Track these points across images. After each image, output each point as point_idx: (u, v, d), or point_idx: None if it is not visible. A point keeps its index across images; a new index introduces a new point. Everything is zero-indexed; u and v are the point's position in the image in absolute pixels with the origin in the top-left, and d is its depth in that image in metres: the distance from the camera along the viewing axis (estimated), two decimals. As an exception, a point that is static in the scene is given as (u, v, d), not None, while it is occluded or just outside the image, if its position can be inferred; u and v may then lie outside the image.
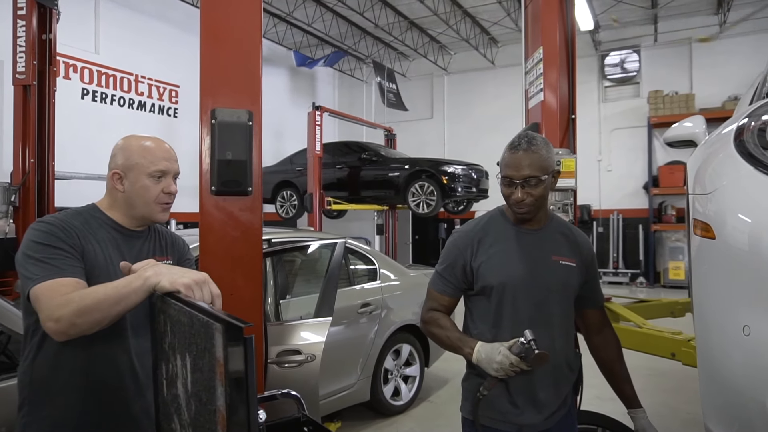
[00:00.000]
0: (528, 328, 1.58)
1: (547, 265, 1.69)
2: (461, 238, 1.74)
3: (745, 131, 1.18)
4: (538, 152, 1.62)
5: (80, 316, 1.27)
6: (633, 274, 11.97)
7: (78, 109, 9.10)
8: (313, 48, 13.85)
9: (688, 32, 11.90)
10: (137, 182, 1.52)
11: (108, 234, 1.52)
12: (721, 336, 1.04)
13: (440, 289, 1.77)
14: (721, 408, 1.09)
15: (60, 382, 1.43)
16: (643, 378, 5.00)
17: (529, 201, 1.63)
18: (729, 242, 1.04)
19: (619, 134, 12.38)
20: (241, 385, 0.86)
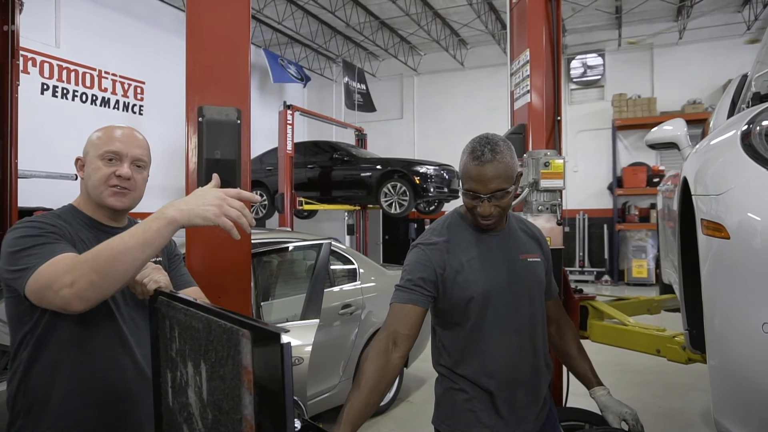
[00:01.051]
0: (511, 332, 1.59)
1: (518, 265, 1.65)
2: (430, 250, 1.58)
3: (752, 135, 1.22)
4: (503, 161, 1.49)
5: (98, 272, 1.15)
6: (598, 273, 12.29)
7: (37, 105, 8.73)
8: (282, 46, 13.69)
9: (650, 37, 12.30)
10: (90, 164, 1.45)
11: (90, 234, 1.45)
12: (739, 333, 1.07)
13: (411, 299, 1.53)
14: (738, 403, 1.12)
15: (60, 393, 1.35)
16: (614, 374, 5.13)
17: (496, 212, 1.54)
18: (745, 242, 1.07)
19: (585, 136, 12.69)
20: (276, 393, 0.82)
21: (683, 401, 4.65)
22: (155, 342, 1.33)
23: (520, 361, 1.63)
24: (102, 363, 1.38)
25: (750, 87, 1.89)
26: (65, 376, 1.35)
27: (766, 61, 1.90)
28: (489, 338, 1.60)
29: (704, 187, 1.29)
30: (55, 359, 1.34)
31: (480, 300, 1.57)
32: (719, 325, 1.15)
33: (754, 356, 1.05)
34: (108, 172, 1.43)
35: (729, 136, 1.33)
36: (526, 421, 1.65)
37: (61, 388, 1.35)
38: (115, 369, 1.41)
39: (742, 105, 2.01)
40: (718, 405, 1.18)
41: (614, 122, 12.07)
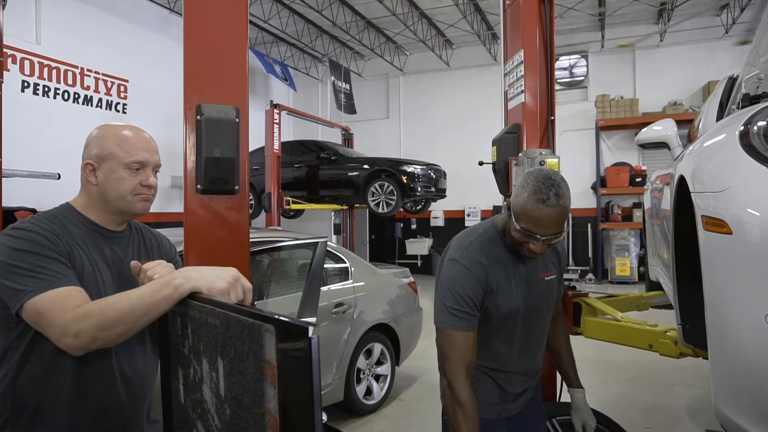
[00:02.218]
0: (526, 339, 1.76)
1: (538, 284, 1.77)
2: (476, 270, 1.63)
3: (750, 134, 1.27)
4: (565, 206, 1.53)
5: (103, 330, 1.18)
6: (582, 271, 12.45)
7: (18, 103, 8.56)
8: (268, 45, 13.62)
9: (632, 39, 12.51)
10: (112, 173, 1.41)
11: (89, 238, 1.42)
12: (741, 325, 1.12)
13: (467, 326, 1.61)
14: (740, 393, 1.16)
15: (50, 400, 1.33)
16: (603, 371, 5.23)
17: (546, 250, 1.63)
18: (747, 236, 1.11)
19: (569, 136, 12.83)
20: (301, 386, 0.84)
21: (669, 396, 4.75)
22: (164, 340, 1.33)
23: (529, 360, 1.85)
24: (91, 373, 1.36)
25: (740, 88, 1.95)
26: (54, 385, 1.33)
27: (755, 64, 1.96)
28: (512, 351, 1.76)
29: (702, 184, 1.34)
30: (43, 367, 1.31)
31: (506, 315, 1.71)
32: (721, 318, 1.19)
33: (756, 347, 1.09)
34: (135, 182, 1.42)
35: (726, 135, 1.38)
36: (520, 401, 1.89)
37: (51, 397, 1.33)
38: (105, 379, 1.39)
39: (732, 106, 2.07)
40: (719, 396, 1.23)
41: (597, 123, 12.24)
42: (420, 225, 14.50)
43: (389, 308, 4.71)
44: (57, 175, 8.01)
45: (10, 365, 1.32)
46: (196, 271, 1.23)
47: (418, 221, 14.46)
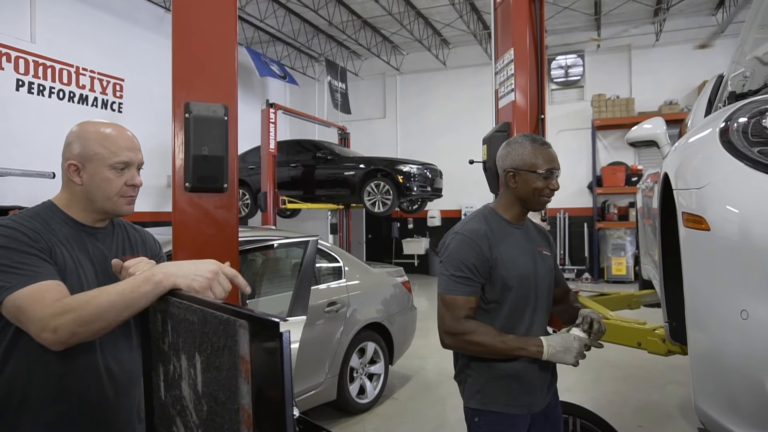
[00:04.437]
0: (542, 317, 1.77)
1: (538, 257, 1.84)
2: (476, 237, 1.72)
3: (730, 131, 1.27)
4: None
5: (82, 326, 1.18)
6: (579, 270, 12.47)
7: (13, 102, 8.56)
8: (264, 44, 13.61)
9: (628, 39, 12.53)
10: (97, 174, 1.40)
11: (71, 235, 1.41)
12: (718, 321, 1.12)
13: (467, 291, 1.69)
14: (717, 389, 1.16)
15: (35, 396, 1.32)
16: (596, 369, 5.24)
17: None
18: (723, 233, 1.12)
19: (565, 136, 12.85)
20: (273, 381, 0.84)
21: (661, 394, 4.76)
22: (146, 336, 1.33)
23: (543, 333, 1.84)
24: (75, 368, 1.36)
25: (726, 86, 1.95)
26: (38, 380, 1.33)
27: (741, 61, 1.97)
28: (524, 318, 1.77)
29: (685, 181, 1.34)
30: (27, 363, 1.31)
31: (519, 283, 1.73)
32: (700, 313, 1.19)
33: (733, 342, 1.09)
34: (121, 183, 1.42)
35: (708, 132, 1.38)
36: (549, 392, 1.87)
37: (35, 393, 1.32)
38: (90, 374, 1.38)
39: (719, 104, 2.07)
40: (698, 391, 1.23)
41: (593, 122, 12.27)
42: (417, 224, 14.50)
43: (383, 307, 4.71)
44: (52, 174, 8.00)
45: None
46: (176, 267, 1.23)
47: (414, 221, 14.46)
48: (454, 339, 1.70)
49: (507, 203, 1.82)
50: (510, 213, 1.82)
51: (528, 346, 1.65)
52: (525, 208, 1.83)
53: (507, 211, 1.82)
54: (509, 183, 1.78)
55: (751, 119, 1.25)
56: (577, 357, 1.62)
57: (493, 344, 1.66)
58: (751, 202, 1.10)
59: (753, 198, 1.10)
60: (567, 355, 1.61)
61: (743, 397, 1.07)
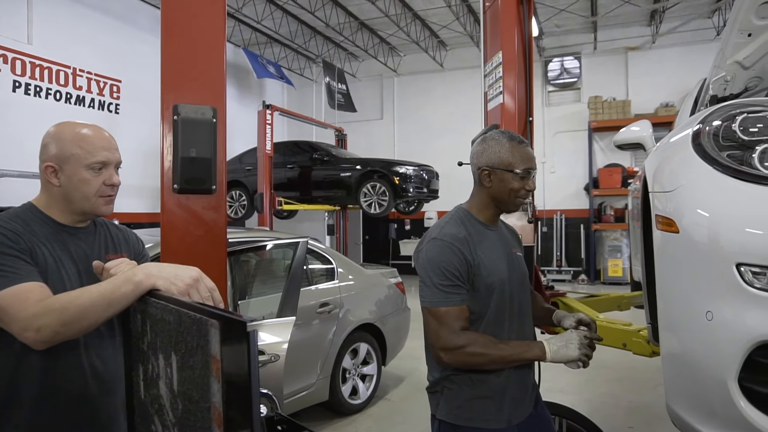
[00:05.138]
0: (522, 319, 1.71)
1: (513, 258, 1.76)
2: (456, 242, 1.62)
3: (702, 135, 1.28)
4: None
5: (65, 325, 1.21)
6: (575, 272, 12.50)
7: (9, 103, 8.57)
8: (261, 46, 13.63)
9: (624, 41, 12.57)
10: (75, 175, 1.40)
11: (52, 235, 1.42)
12: (686, 321, 1.14)
13: (458, 300, 1.59)
14: (685, 389, 1.18)
15: (20, 396, 1.34)
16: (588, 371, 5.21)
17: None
18: (691, 236, 1.13)
19: (562, 137, 12.90)
20: (242, 380, 0.86)
21: (653, 395, 4.77)
22: (127, 336, 1.34)
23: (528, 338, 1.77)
24: (60, 367, 1.38)
25: (708, 90, 1.97)
26: (23, 379, 1.35)
27: (722, 66, 1.99)
28: (505, 325, 1.68)
29: (660, 184, 1.36)
30: (11, 363, 1.33)
31: (499, 288, 1.65)
32: (669, 315, 1.21)
33: (699, 343, 1.11)
34: (99, 183, 1.42)
35: (683, 135, 1.40)
36: (530, 402, 1.77)
37: (20, 392, 1.35)
38: (74, 373, 1.40)
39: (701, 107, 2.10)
40: (669, 392, 1.25)
41: (590, 124, 12.30)
42: (414, 226, 14.52)
43: (376, 308, 4.72)
44: (48, 175, 8.00)
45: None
46: (157, 269, 1.24)
47: (411, 222, 14.48)
48: (453, 354, 1.58)
49: (481, 204, 1.74)
50: (484, 214, 1.73)
51: (530, 349, 1.58)
52: (499, 209, 1.75)
53: (481, 213, 1.73)
54: (483, 182, 1.70)
55: (723, 123, 1.27)
56: (582, 349, 1.52)
57: (497, 353, 1.57)
58: (718, 206, 1.11)
59: (720, 202, 1.12)
60: (570, 349, 1.52)
61: (710, 399, 1.09)
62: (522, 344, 1.62)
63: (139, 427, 1.31)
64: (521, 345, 1.61)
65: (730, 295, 1.03)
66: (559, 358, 1.54)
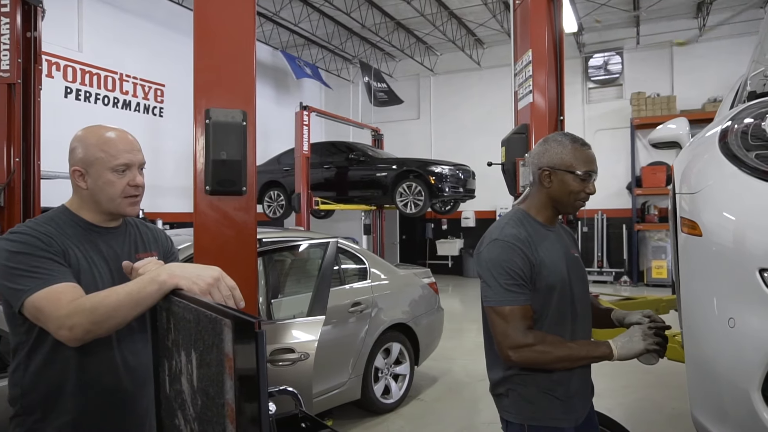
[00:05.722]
0: (581, 320, 1.69)
1: (572, 259, 1.75)
2: (518, 242, 1.62)
3: (729, 133, 1.23)
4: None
5: (95, 324, 1.27)
6: (617, 273, 12.14)
7: (61, 108, 8.99)
8: (299, 48, 13.83)
9: (669, 35, 12.13)
10: (100, 178, 1.47)
11: (84, 236, 1.49)
12: (708, 328, 1.09)
13: (523, 300, 1.58)
14: (708, 397, 1.14)
15: (56, 390, 1.42)
16: (627, 375, 5.10)
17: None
18: (714, 239, 1.09)
19: (603, 135, 12.55)
20: (252, 378, 0.88)
21: (696, 402, 4.60)
22: (154, 333, 1.40)
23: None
24: (94, 363, 1.44)
25: (746, 86, 1.89)
26: (60, 375, 1.41)
27: (761, 60, 1.90)
28: (565, 325, 1.67)
29: (687, 185, 1.31)
30: (49, 359, 1.41)
31: (560, 288, 1.64)
32: (692, 321, 1.17)
33: (722, 351, 1.07)
34: (123, 184, 1.48)
35: (711, 134, 1.34)
36: (588, 403, 1.76)
37: (58, 387, 1.42)
38: (108, 368, 1.47)
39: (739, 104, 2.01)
40: (693, 401, 1.20)
41: (632, 121, 11.92)
42: (451, 225, 14.44)
43: (408, 308, 4.73)
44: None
45: (20, 358, 1.42)
46: (180, 269, 1.29)
47: (448, 221, 14.40)
48: (522, 352, 1.57)
49: (539, 205, 1.73)
50: (543, 215, 1.73)
51: (597, 348, 1.55)
52: (557, 211, 1.74)
53: (540, 213, 1.72)
54: (543, 182, 1.69)
55: (753, 121, 1.21)
56: (647, 340, 1.47)
57: (565, 352, 1.56)
58: (742, 209, 1.07)
59: (744, 204, 1.07)
60: (634, 342, 1.49)
61: (733, 409, 1.04)
62: (589, 343, 1.61)
63: (165, 420, 1.36)
64: (588, 344, 1.60)
65: (753, 302, 0.99)
66: (626, 354, 1.51)
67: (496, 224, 1.73)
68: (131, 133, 1.56)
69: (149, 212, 9.67)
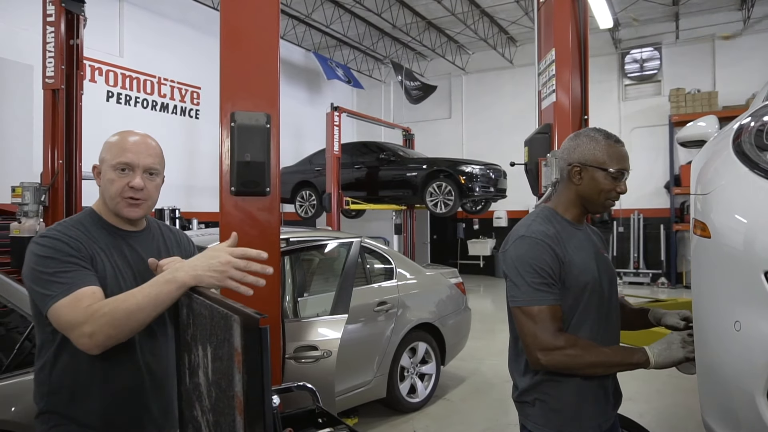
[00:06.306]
0: (611, 321, 1.65)
1: (602, 259, 1.69)
2: (546, 239, 1.55)
3: (744, 132, 1.20)
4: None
5: (115, 328, 1.28)
6: (654, 275, 11.82)
7: (103, 111, 9.35)
8: (331, 49, 13.98)
9: (710, 29, 11.72)
10: (105, 175, 1.48)
11: (109, 239, 1.50)
12: (716, 331, 1.08)
13: (552, 299, 1.51)
14: (717, 401, 1.12)
15: (81, 389, 1.43)
16: (660, 379, 4.98)
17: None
18: (722, 241, 1.07)
19: (640, 133, 12.24)
20: (257, 372, 0.93)
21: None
22: (176, 328, 1.47)
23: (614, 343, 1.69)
24: (116, 363, 1.45)
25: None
26: (84, 375, 1.43)
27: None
28: (594, 327, 1.60)
29: (701, 185, 1.28)
30: (74, 359, 1.41)
31: (591, 288, 1.58)
32: (702, 324, 1.15)
33: (729, 355, 1.05)
34: (122, 184, 1.46)
35: (727, 133, 1.32)
36: (616, 406, 1.71)
37: (82, 386, 1.43)
38: (130, 368, 1.48)
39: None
40: (704, 405, 1.19)
41: (671, 118, 11.58)
42: (482, 225, 14.34)
43: (435, 308, 4.74)
44: (135, 177, 8.67)
45: (46, 356, 1.44)
46: (192, 265, 1.32)
47: (480, 221, 14.30)
48: (552, 355, 1.48)
49: (568, 202, 1.66)
50: (571, 213, 1.65)
51: (633, 354, 1.46)
52: (585, 209, 1.66)
53: (568, 211, 1.65)
54: (573, 179, 1.61)
55: (769, 120, 1.18)
56: (686, 347, 1.40)
57: (598, 358, 1.48)
58: (749, 211, 1.04)
59: (751, 206, 1.05)
60: (673, 350, 1.41)
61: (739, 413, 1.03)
62: (623, 349, 1.52)
63: (186, 411, 1.43)
64: (623, 350, 1.51)
65: (758, 305, 0.97)
66: (663, 363, 1.43)
67: (523, 221, 1.67)
68: (155, 139, 1.57)
69: (185, 212, 9.96)
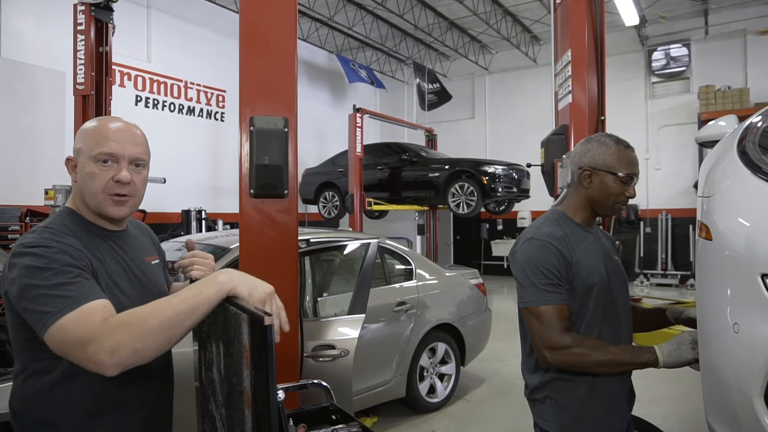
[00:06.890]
0: (621, 323, 1.65)
1: (611, 261, 1.70)
2: (554, 241, 1.58)
3: (749, 133, 1.20)
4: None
5: (144, 339, 1.05)
6: (682, 276, 11.57)
7: (132, 115, 9.50)
8: (354, 50, 14.07)
9: (742, 23, 11.41)
10: (83, 168, 1.25)
11: (100, 243, 1.31)
12: (717, 333, 1.08)
13: (558, 299, 1.54)
14: (719, 403, 1.13)
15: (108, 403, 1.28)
16: (681, 381, 4.88)
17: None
18: (723, 244, 1.08)
19: (668, 131, 12.00)
20: (263, 368, 0.98)
21: (761, 414, 4.35)
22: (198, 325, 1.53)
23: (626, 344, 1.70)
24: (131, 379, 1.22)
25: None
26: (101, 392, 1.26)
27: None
28: (604, 327, 1.61)
29: (707, 188, 1.28)
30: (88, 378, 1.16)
31: (598, 289, 1.60)
32: (704, 326, 1.15)
33: (728, 357, 1.05)
34: (105, 178, 1.25)
35: (733, 134, 1.31)
36: (629, 407, 1.72)
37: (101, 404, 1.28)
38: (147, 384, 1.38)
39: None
40: (707, 407, 1.19)
41: (700, 116, 11.30)
42: (506, 226, 14.23)
43: (455, 309, 4.75)
44: (163, 179, 8.89)
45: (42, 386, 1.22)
46: (238, 275, 1.18)
47: (504, 222, 14.20)
48: (560, 354, 1.51)
49: (577, 205, 1.69)
50: (580, 216, 1.68)
51: (641, 353, 1.47)
52: (594, 212, 1.69)
53: (577, 214, 1.68)
54: (583, 183, 1.65)
55: (776, 123, 1.17)
56: (697, 349, 1.38)
57: (606, 357, 1.49)
58: (750, 213, 1.04)
59: (751, 209, 1.05)
60: (683, 351, 1.41)
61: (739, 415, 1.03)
62: (632, 348, 1.53)
63: (202, 405, 1.50)
64: (631, 349, 1.52)
65: (756, 307, 0.97)
66: (673, 363, 1.44)
67: (532, 224, 1.71)
68: (140, 128, 1.37)
69: (211, 212, 10.16)
